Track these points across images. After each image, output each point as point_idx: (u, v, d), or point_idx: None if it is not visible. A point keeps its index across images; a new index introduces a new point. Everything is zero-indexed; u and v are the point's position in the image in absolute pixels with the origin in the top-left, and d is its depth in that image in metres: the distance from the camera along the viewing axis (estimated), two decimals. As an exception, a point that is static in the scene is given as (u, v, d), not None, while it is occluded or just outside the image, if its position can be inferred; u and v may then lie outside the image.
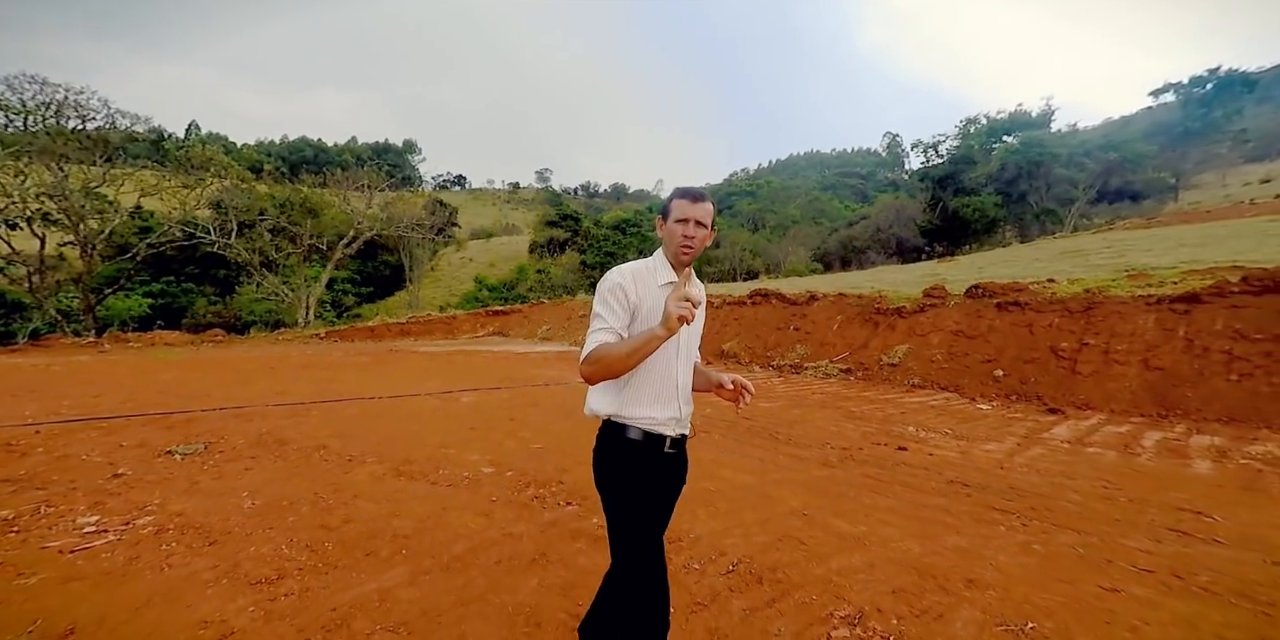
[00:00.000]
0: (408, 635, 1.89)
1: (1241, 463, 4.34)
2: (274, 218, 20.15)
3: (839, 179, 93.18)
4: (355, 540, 2.57)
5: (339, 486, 3.29)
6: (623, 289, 1.38)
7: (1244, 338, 6.67)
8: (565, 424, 5.54)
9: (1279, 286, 6.76)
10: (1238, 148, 41.03)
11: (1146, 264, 10.83)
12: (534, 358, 12.74)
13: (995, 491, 3.60)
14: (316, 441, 4.28)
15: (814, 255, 40.81)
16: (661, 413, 1.42)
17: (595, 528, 2.95)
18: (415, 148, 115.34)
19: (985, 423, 6.18)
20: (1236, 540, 2.80)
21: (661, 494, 1.47)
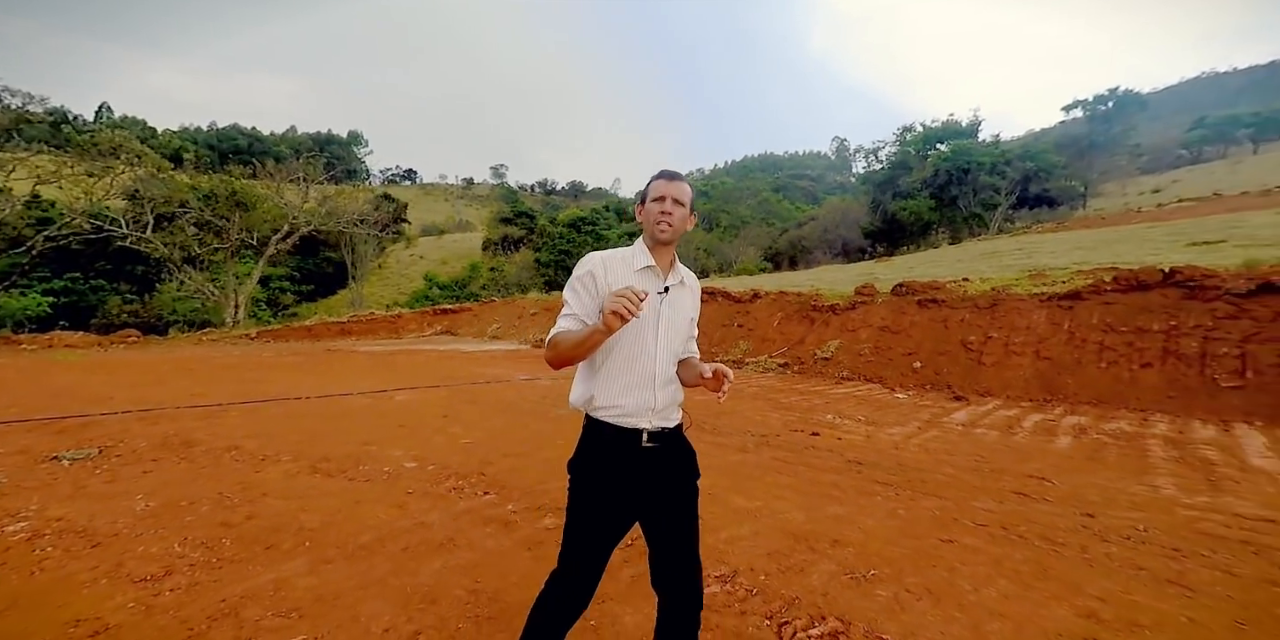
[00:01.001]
0: (299, 619, 1.95)
1: (1094, 438, 4.94)
2: (198, 210, 18.78)
3: (790, 181, 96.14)
4: (256, 535, 2.58)
5: (247, 485, 3.25)
6: (592, 276, 1.36)
7: (1113, 330, 7.51)
8: (500, 420, 5.60)
9: (1140, 285, 7.64)
10: (1135, 160, 45.58)
11: (1046, 265, 11.91)
12: (481, 357, 12.60)
13: (884, 468, 3.97)
14: (230, 442, 4.16)
15: (764, 254, 42.06)
16: (631, 401, 1.35)
17: (508, 514, 3.06)
18: (361, 139, 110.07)
19: (898, 410, 6.68)
20: (1061, 498, 3.25)
21: (650, 493, 1.37)
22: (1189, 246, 11.29)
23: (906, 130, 40.31)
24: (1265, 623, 1.98)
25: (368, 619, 1.97)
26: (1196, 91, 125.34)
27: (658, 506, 1.39)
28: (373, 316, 18.78)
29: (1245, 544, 2.58)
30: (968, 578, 2.32)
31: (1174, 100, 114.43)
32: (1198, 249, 10.74)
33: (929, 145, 40.31)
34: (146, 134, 73.41)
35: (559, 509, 3.13)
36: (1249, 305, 6.63)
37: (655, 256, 1.40)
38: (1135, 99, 42.59)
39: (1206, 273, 7.20)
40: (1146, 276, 7.74)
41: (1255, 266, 7.26)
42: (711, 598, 2.22)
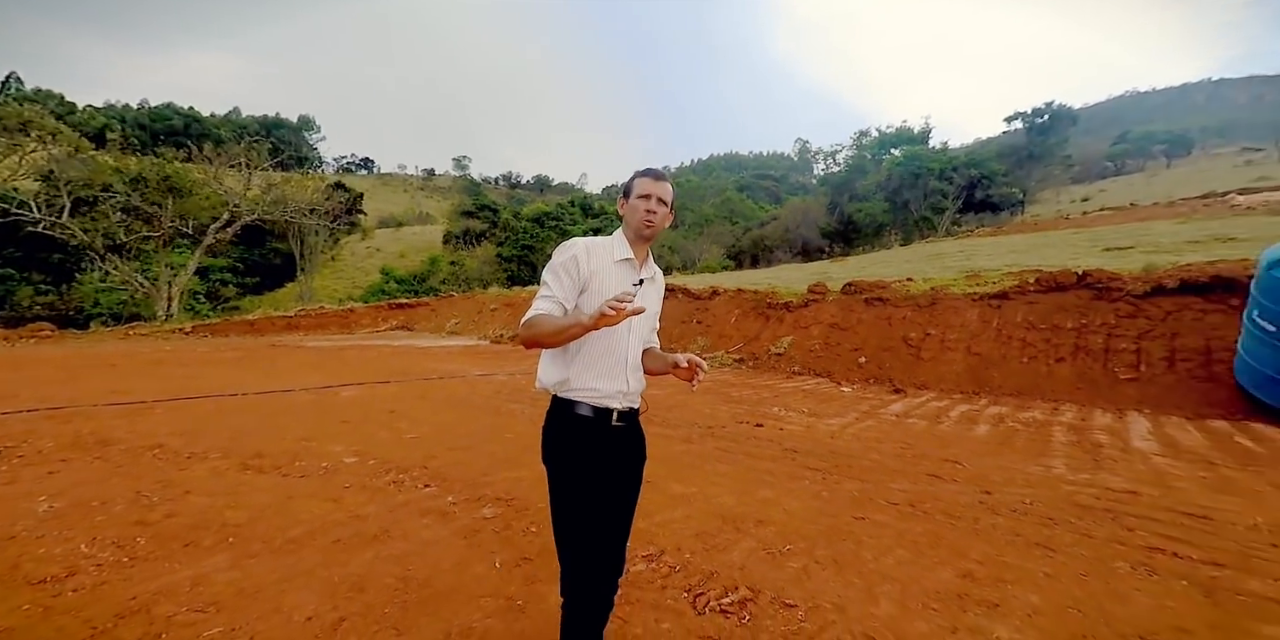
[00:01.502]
0: (216, 612, 1.93)
1: (1009, 425, 5.35)
2: (124, 195, 17.41)
3: (754, 181, 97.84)
4: (175, 533, 2.51)
5: (169, 484, 3.13)
6: (576, 262, 1.39)
7: (1034, 327, 8.12)
8: (449, 414, 5.55)
9: (1058, 286, 8.28)
10: (1067, 171, 49.00)
11: (982, 266, 12.68)
12: (437, 352, 12.35)
13: (816, 455, 4.20)
14: (152, 440, 3.98)
15: (728, 253, 42.77)
16: (607, 386, 1.43)
17: (447, 505, 3.08)
18: (313, 124, 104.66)
19: (840, 402, 7.00)
20: (967, 479, 3.55)
21: (613, 469, 1.45)
22: (1104, 252, 12.27)
23: (863, 135, 41.89)
24: (1102, 573, 2.31)
25: (290, 609, 1.97)
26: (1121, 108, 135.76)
27: (613, 483, 1.47)
28: (323, 311, 18.04)
29: (1107, 511, 2.92)
30: (871, 549, 2.52)
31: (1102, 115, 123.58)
32: (1110, 254, 11.69)
33: (884, 150, 41.99)
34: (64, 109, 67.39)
35: (499, 499, 3.19)
36: (1145, 305, 7.32)
37: (634, 250, 1.47)
38: (1067, 113, 45.64)
39: (1112, 276, 7.88)
40: (1063, 279, 8.39)
41: (1152, 271, 7.99)
42: (636, 575, 2.34)
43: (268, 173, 20.29)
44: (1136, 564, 2.32)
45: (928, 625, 1.93)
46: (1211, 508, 2.96)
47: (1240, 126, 73.15)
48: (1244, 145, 62.56)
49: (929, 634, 1.87)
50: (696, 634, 1.93)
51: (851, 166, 39.88)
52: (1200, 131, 72.05)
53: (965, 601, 2.06)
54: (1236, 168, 47.30)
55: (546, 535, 2.73)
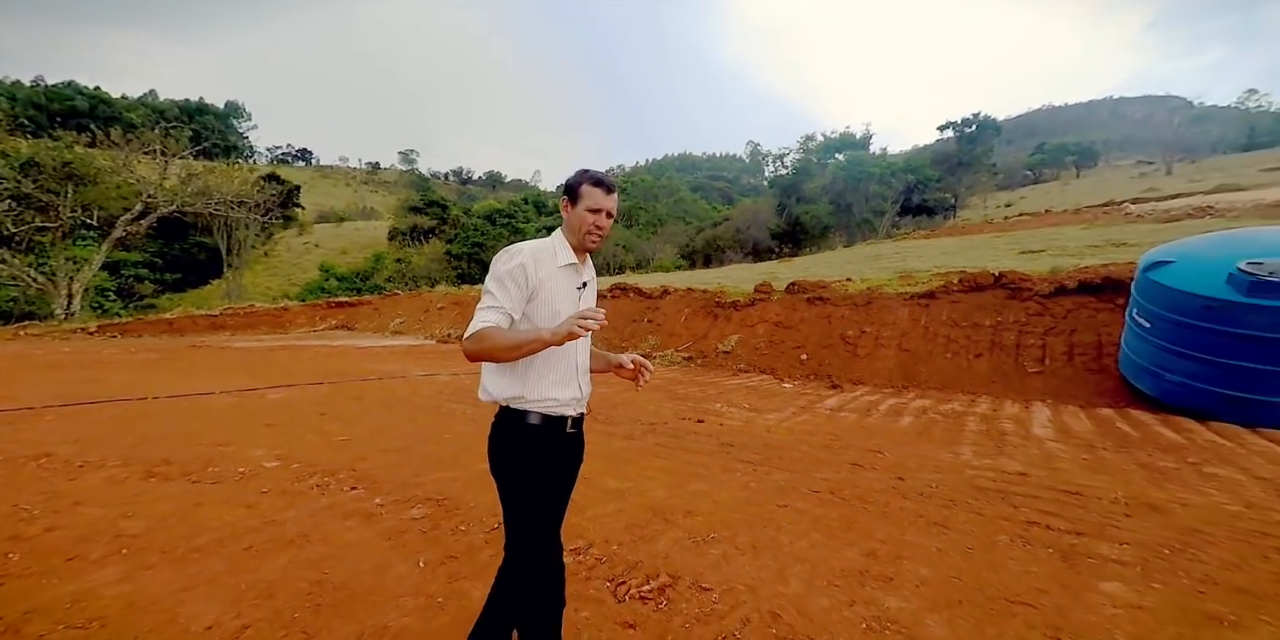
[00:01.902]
0: (100, 628, 1.81)
1: (930, 417, 5.74)
2: (12, 181, 15.59)
3: (708, 181, 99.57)
4: (56, 547, 2.31)
5: (53, 495, 2.88)
6: (524, 270, 1.35)
7: (957, 325, 8.72)
8: (383, 415, 5.37)
9: (978, 286, 8.94)
10: (993, 178, 52.91)
11: (914, 267, 13.48)
12: (379, 352, 11.85)
13: (751, 449, 4.35)
14: (39, 449, 3.63)
15: (681, 252, 43.34)
16: (563, 394, 1.42)
17: (374, 507, 2.99)
18: (242, 111, 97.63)
19: (780, 398, 7.26)
20: (885, 467, 3.79)
21: (561, 476, 1.47)
22: (1020, 254, 13.34)
23: (809, 139, 43.56)
24: (985, 546, 2.55)
25: (188, 620, 1.87)
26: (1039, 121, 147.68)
27: (561, 485, 1.49)
28: (252, 309, 16.91)
29: (999, 492, 3.21)
30: (789, 534, 2.66)
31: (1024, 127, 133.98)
32: (1025, 257, 12.72)
33: (829, 154, 43.80)
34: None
35: (429, 500, 3.13)
36: (1050, 304, 8.03)
37: (576, 255, 1.45)
38: (992, 124, 49.21)
39: (1023, 277, 8.59)
40: (982, 279, 9.06)
41: (1057, 273, 8.77)
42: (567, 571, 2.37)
43: (188, 161, 18.72)
44: (1014, 537, 2.58)
45: (829, 600, 2.06)
46: (1085, 485, 3.31)
47: (1135, 142, 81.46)
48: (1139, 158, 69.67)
49: (829, 608, 2.01)
50: (614, 620, 1.99)
51: (798, 169, 41.42)
52: (1104, 144, 79.63)
53: (865, 577, 2.22)
54: (1132, 179, 52.55)
55: (474, 533, 2.72)
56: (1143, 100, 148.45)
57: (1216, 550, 2.37)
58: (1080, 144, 69.55)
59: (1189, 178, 42.73)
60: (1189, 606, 1.97)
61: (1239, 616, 1.92)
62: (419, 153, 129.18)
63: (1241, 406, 4.96)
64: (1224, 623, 1.89)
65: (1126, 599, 2.01)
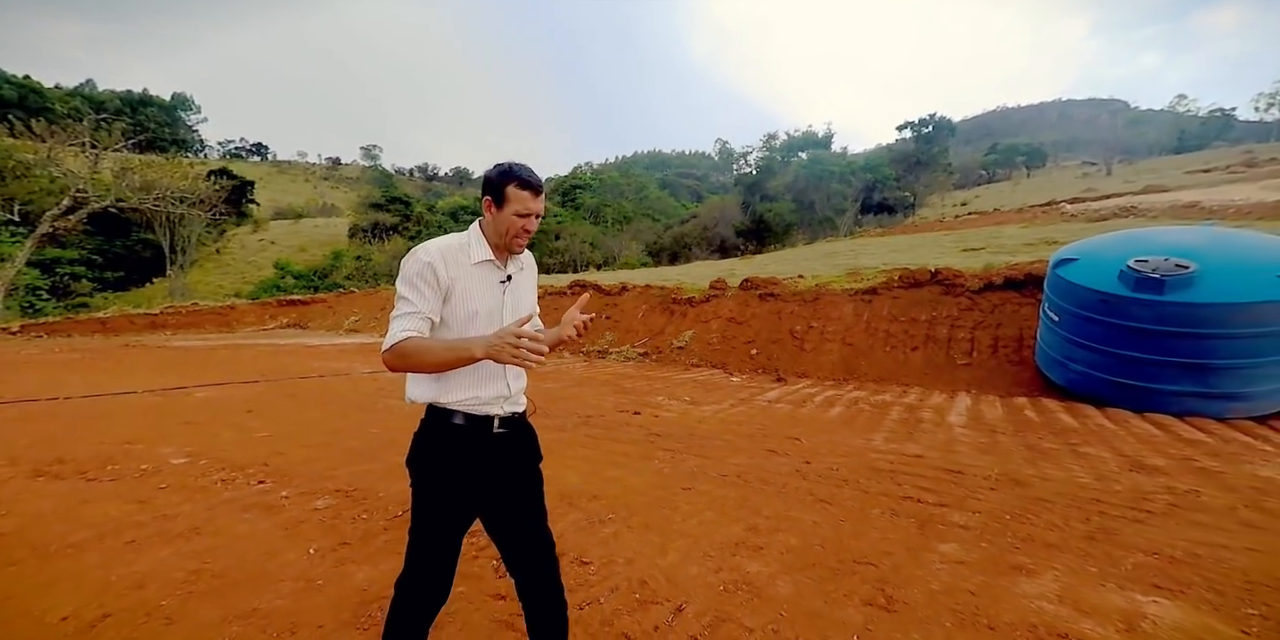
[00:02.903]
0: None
1: (860, 407, 6.00)
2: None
3: (677, 179, 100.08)
4: (-82, 546, 2.24)
5: (-73, 495, 2.77)
6: (433, 270, 1.26)
7: (896, 320, 9.10)
8: (315, 413, 5.28)
9: (916, 283, 9.34)
10: (950, 177, 55.04)
11: (864, 264, 13.94)
12: (327, 351, 11.55)
13: (676, 438, 4.48)
14: (-78, 451, 3.47)
15: (649, 249, 43.53)
16: (485, 392, 1.34)
17: (278, 500, 2.97)
18: (190, 104, 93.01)
19: (724, 391, 7.44)
20: (797, 452, 3.98)
21: (498, 475, 1.36)
22: (963, 252, 13.96)
23: (771, 137, 44.44)
24: (857, 518, 2.76)
25: (43, 612, 1.85)
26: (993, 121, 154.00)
27: (504, 491, 1.38)
28: (195, 308, 16.22)
29: (892, 472, 3.43)
30: (684, 514, 2.79)
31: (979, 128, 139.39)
32: (966, 254, 13.32)
33: (792, 153, 44.76)
34: None
35: (338, 491, 3.13)
36: (979, 300, 8.47)
37: (496, 252, 1.36)
38: (947, 125, 51.25)
39: (956, 273, 9.03)
40: (920, 276, 9.47)
41: (990, 269, 9.25)
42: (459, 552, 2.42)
43: (123, 154, 17.71)
44: (886, 510, 2.78)
45: (698, 568, 2.19)
46: (970, 465, 3.57)
47: (1081, 143, 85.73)
48: (1084, 159, 73.43)
49: (695, 575, 2.14)
50: (487, 593, 2.07)
51: (762, 167, 42.19)
52: (1053, 145, 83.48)
53: (739, 548, 2.36)
54: (1076, 178, 55.37)
55: (374, 520, 2.74)
56: (1088, 103, 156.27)
57: (1049, 515, 2.63)
58: (1031, 145, 72.89)
59: (1125, 178, 45.35)
60: (1001, 560, 2.24)
61: (1036, 565, 2.22)
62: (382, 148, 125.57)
63: (1131, 392, 5.36)
64: (1022, 571, 2.17)
65: (954, 556, 2.24)
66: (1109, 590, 2.05)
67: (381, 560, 2.33)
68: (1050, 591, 2.03)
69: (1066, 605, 1.95)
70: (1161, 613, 1.91)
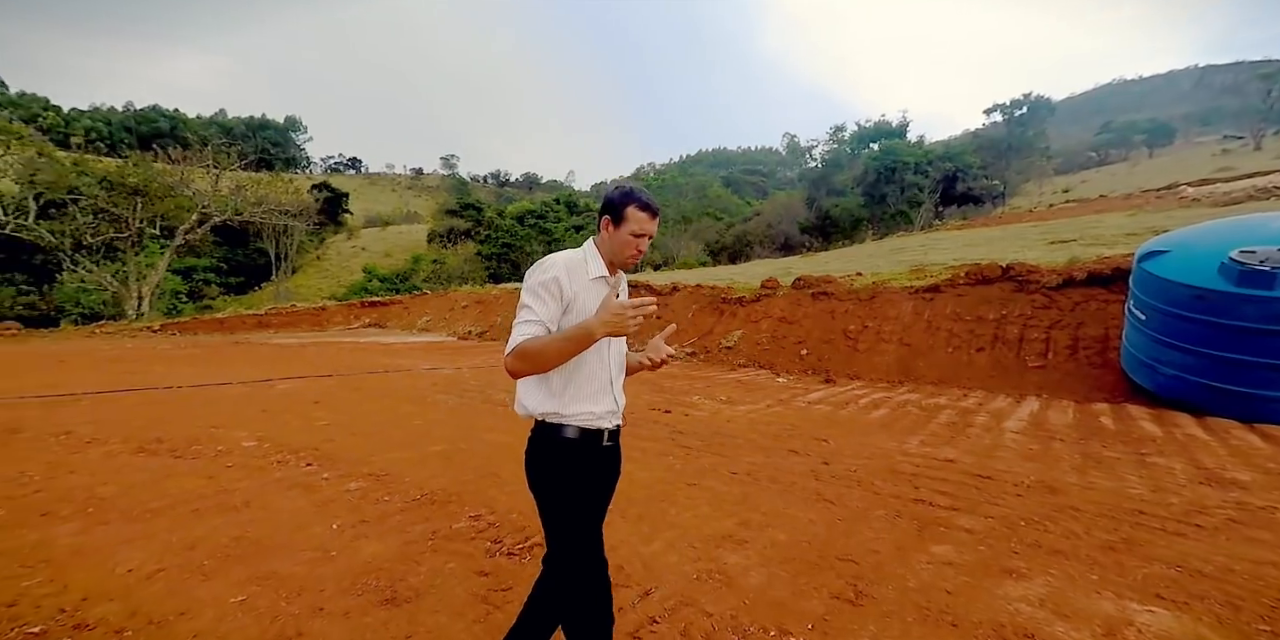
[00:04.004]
0: (46, 567, 2.17)
1: (907, 410, 5.65)
2: (93, 196, 17.51)
3: (742, 176, 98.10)
4: (38, 505, 2.74)
5: (55, 465, 3.36)
6: (558, 283, 1.34)
7: (960, 319, 8.43)
8: (373, 405, 5.79)
9: (985, 279, 8.60)
10: (1050, 161, 49.38)
11: (933, 261, 12.99)
12: (399, 348, 12.54)
13: (698, 436, 4.47)
14: (62, 428, 4.20)
15: (710, 249, 43.05)
16: (599, 407, 1.41)
17: (320, 481, 3.32)
18: (299, 125, 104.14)
19: (765, 391, 7.28)
20: (820, 453, 3.85)
21: (598, 489, 1.45)
22: (1049, 244, 12.62)
23: (839, 130, 42.20)
24: (856, 518, 2.67)
25: (115, 564, 2.21)
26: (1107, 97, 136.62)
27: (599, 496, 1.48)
28: (294, 309, 18.18)
29: (912, 475, 3.24)
30: (680, 507, 2.81)
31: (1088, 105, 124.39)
32: (1052, 247, 12.04)
33: (863, 144, 42.36)
34: (49, 113, 66.71)
35: (371, 475, 3.44)
36: (1057, 297, 7.65)
37: (608, 267, 1.43)
38: (1045, 105, 46.09)
39: (1031, 269, 8.21)
40: (990, 272, 8.71)
41: (1074, 263, 8.32)
42: (456, 532, 2.62)
43: (236, 173, 20.35)
44: (891, 511, 2.65)
45: (678, 557, 2.23)
46: (1004, 471, 3.28)
47: (1225, 114, 73.61)
48: (1226, 133, 63.22)
49: (674, 563, 2.18)
50: (473, 569, 2.22)
51: (828, 161, 40.25)
52: (1184, 119, 72.72)
53: (725, 541, 2.36)
54: (1214, 156, 48.01)
55: (394, 502, 3.00)
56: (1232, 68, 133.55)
57: (1070, 523, 2.43)
58: (1155, 120, 64.00)
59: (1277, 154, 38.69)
60: (994, 563, 2.15)
61: (1030, 570, 2.10)
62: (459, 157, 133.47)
63: (1234, 400, 4.65)
64: (1012, 574, 2.07)
65: (945, 557, 2.17)
66: (1102, 598, 1.95)
67: (389, 537, 2.55)
68: (1034, 595, 1.96)
69: (1046, 609, 1.88)
70: (1152, 622, 1.80)
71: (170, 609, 1.92)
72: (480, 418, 5.15)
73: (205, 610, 1.92)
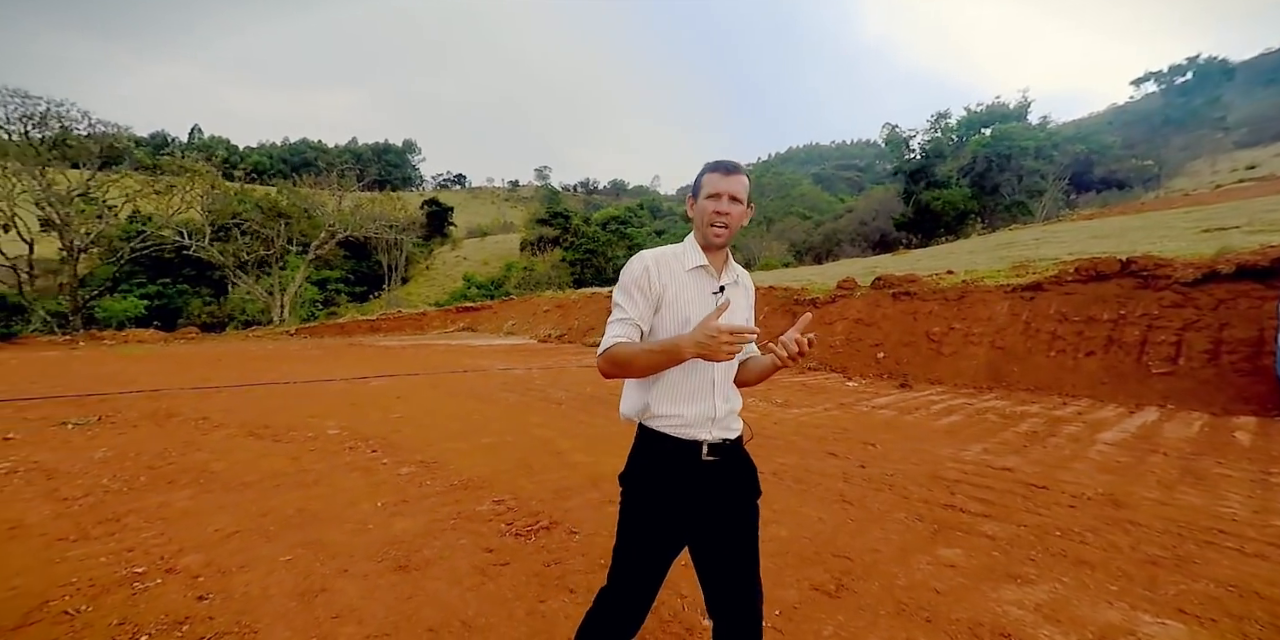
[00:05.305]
0: (161, 523, 2.71)
1: (985, 417, 5.12)
2: (250, 220, 21.14)
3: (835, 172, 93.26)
4: (167, 475, 3.41)
5: (189, 444, 4.13)
6: (646, 276, 1.24)
7: (1066, 319, 7.41)
8: (444, 401, 6.36)
9: (1099, 275, 7.48)
10: (1230, 134, 40.82)
11: (1044, 255, 11.51)
12: (483, 350, 13.55)
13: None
14: (202, 414, 5.13)
15: (797, 249, 41.40)
16: (690, 410, 1.26)
17: (379, 465, 3.75)
18: (415, 147, 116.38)
19: (828, 395, 6.93)
20: (861, 457, 3.66)
21: (701, 512, 1.25)
22: (1200, 233, 10.61)
23: (942, 116, 38.53)
24: (871, 519, 2.56)
25: (207, 524, 2.70)
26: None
27: (715, 527, 1.27)
28: (400, 315, 20.35)
29: (954, 482, 2.99)
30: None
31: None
32: (1203, 236, 10.11)
33: (971, 130, 38.33)
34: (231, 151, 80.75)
35: (422, 462, 3.82)
36: (1194, 293, 6.45)
37: (708, 256, 1.29)
38: (1220, 68, 38.52)
39: (1160, 262, 7.00)
40: (1105, 266, 7.56)
41: (1222, 254, 6.95)
42: (477, 513, 2.86)
43: (355, 194, 23.42)
44: (912, 515, 2.50)
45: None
46: (1066, 482, 2.95)
47: None
48: None
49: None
50: (481, 546, 2.45)
51: (929, 151, 36.88)
52: None
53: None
54: None
55: (434, 486, 3.32)
56: None
57: (1116, 536, 2.21)
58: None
59: None
60: (1002, 569, 2.03)
61: (1040, 577, 1.98)
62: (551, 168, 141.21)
63: None
64: (1017, 580, 1.97)
65: (950, 560, 2.09)
66: (1111, 608, 1.83)
67: (420, 515, 2.85)
68: (1031, 600, 1.87)
69: (1038, 613, 1.81)
70: (1158, 633, 1.68)
71: (235, 562, 2.32)
72: (534, 414, 5.47)
73: (259, 565, 2.30)
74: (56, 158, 17.48)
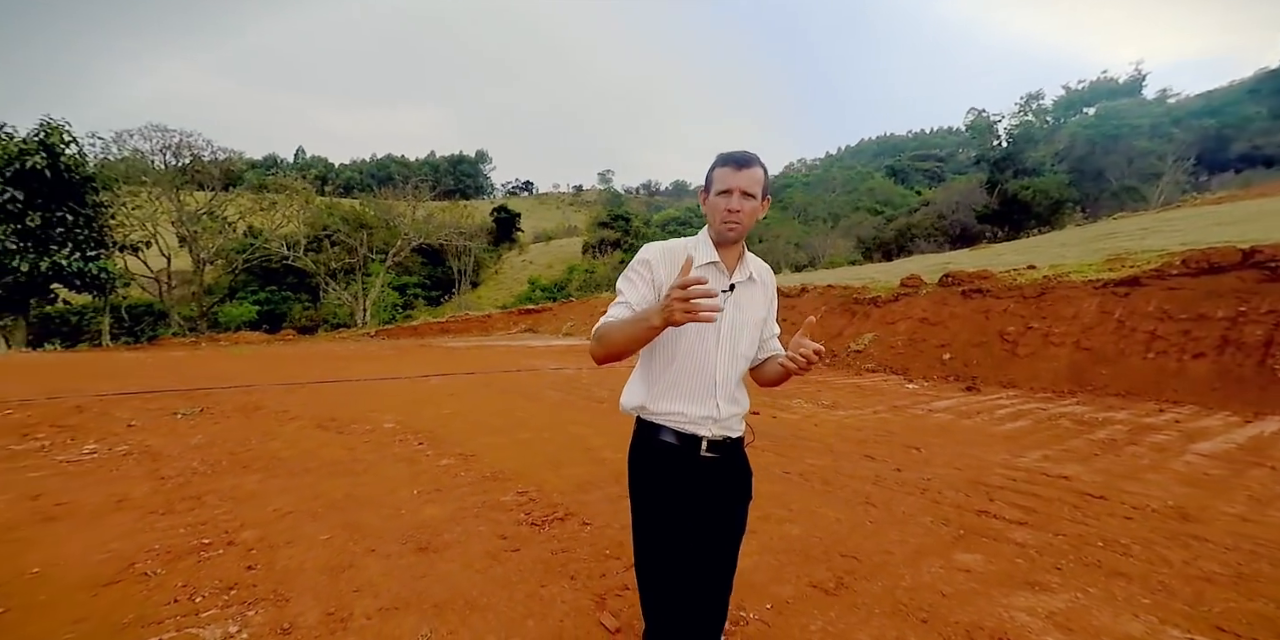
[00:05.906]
0: (233, 502, 3.08)
1: (1058, 423, 4.68)
2: (337, 231, 23.40)
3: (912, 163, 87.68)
4: (244, 461, 3.85)
5: (267, 433, 4.64)
6: (648, 265, 1.23)
7: (1169, 318, 6.55)
8: (496, 399, 6.67)
9: (1213, 268, 6.55)
10: None
11: (1149, 246, 10.19)
12: (539, 350, 14.04)
13: (771, 437, 4.30)
14: (284, 408, 5.74)
15: (867, 245, 39.31)
16: (693, 409, 1.24)
17: (422, 456, 4.01)
18: (486, 157, 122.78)
19: (882, 397, 6.59)
20: (897, 460, 3.47)
21: (702, 506, 1.25)
22: (1356, 212, 8.94)
23: (1034, 97, 35.06)
24: (892, 522, 2.47)
25: (268, 505, 3.03)
26: None
27: (701, 526, 1.25)
28: (466, 317, 21.56)
29: (997, 488, 2.80)
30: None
31: None
32: (1358, 215, 8.50)
33: (1071, 111, 34.64)
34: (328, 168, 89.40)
35: (461, 454, 4.06)
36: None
37: (720, 251, 1.25)
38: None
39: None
40: (1220, 258, 6.61)
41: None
42: (500, 503, 3.02)
43: (427, 203, 25.24)
44: (939, 519, 2.39)
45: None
46: (1132, 493, 2.67)
47: None
48: None
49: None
50: (497, 533, 2.58)
51: (1016, 136, 33.66)
52: None
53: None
54: None
55: (467, 476, 3.52)
56: None
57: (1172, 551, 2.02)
58: None
59: None
60: (1020, 575, 1.94)
61: (1063, 586, 1.87)
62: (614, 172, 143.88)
63: None
64: (1035, 587, 1.88)
65: (966, 565, 1.99)
66: (1136, 621, 1.70)
67: (449, 503, 3.03)
68: (1045, 608, 1.81)
69: (1050, 621, 1.74)
70: None
71: (283, 539, 2.59)
72: (573, 412, 5.62)
73: (302, 542, 2.55)
74: (187, 182, 20.29)
